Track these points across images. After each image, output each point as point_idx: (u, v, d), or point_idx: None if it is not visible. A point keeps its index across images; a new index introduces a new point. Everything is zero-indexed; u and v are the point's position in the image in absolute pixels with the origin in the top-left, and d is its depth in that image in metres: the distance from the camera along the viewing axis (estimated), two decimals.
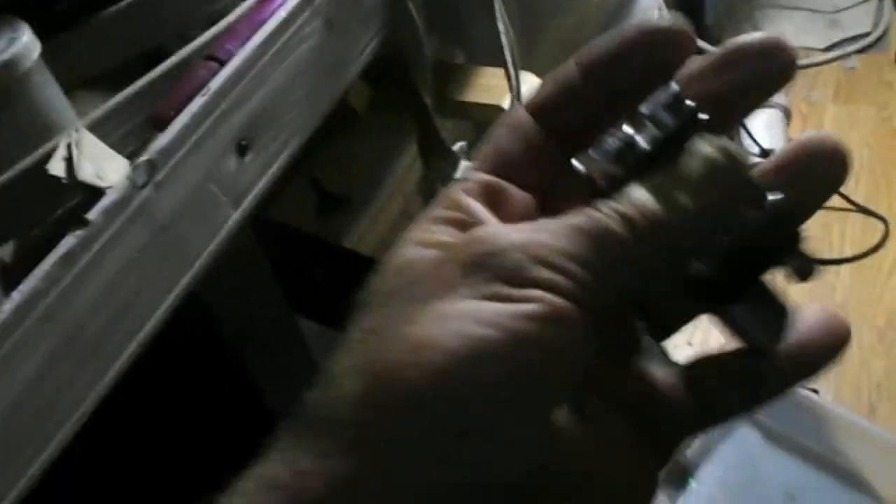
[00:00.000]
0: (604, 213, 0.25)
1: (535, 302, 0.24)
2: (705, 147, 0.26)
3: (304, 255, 0.83)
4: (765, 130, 1.74)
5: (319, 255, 0.83)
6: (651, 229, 0.25)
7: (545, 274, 0.24)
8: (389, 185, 0.87)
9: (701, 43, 1.40)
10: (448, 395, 0.23)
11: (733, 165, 0.26)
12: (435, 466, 0.23)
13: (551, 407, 0.25)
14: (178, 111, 0.53)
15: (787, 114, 1.81)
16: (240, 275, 0.70)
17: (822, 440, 1.24)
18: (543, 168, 0.30)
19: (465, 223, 0.27)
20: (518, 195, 0.29)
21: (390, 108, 0.86)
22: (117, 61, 0.61)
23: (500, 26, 0.77)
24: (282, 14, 0.57)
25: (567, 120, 0.29)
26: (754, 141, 1.71)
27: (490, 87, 0.87)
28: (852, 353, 1.43)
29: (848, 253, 1.60)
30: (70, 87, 0.55)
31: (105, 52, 0.61)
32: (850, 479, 1.22)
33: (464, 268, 0.25)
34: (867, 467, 1.21)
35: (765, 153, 1.69)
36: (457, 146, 0.83)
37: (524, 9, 1.03)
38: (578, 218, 0.25)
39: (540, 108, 0.30)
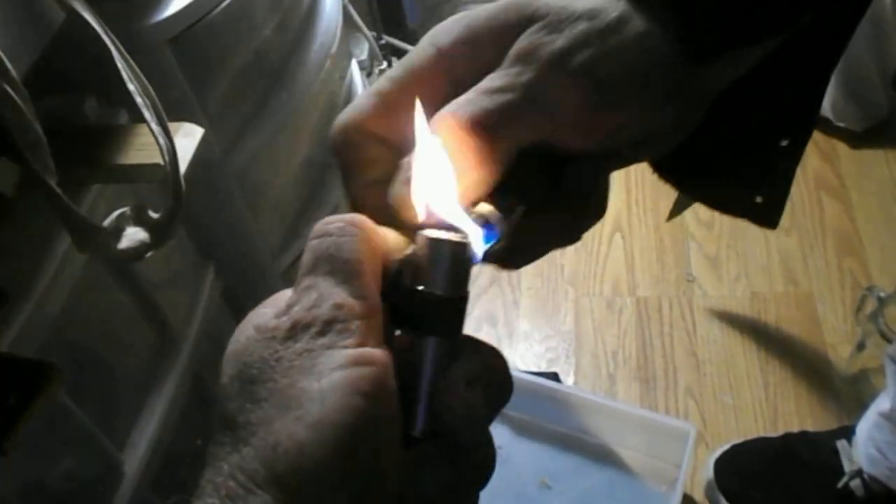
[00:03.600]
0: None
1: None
2: None
3: None
4: None
5: None
6: None
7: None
8: (50, 272, 0.79)
9: (407, 47, 1.40)
10: (344, 467, 0.28)
11: None
12: None
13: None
14: None
15: None
16: None
17: (567, 422, 1.28)
18: None
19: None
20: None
21: (41, 189, 0.78)
22: None
23: (131, 87, 0.72)
24: None
25: None
26: None
27: (147, 145, 0.81)
28: (586, 329, 1.49)
29: None
30: None
31: None
32: (599, 454, 1.27)
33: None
34: (612, 440, 1.27)
35: None
36: (113, 216, 0.78)
37: (190, 57, 0.99)
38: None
39: None
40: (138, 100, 0.73)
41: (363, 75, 1.66)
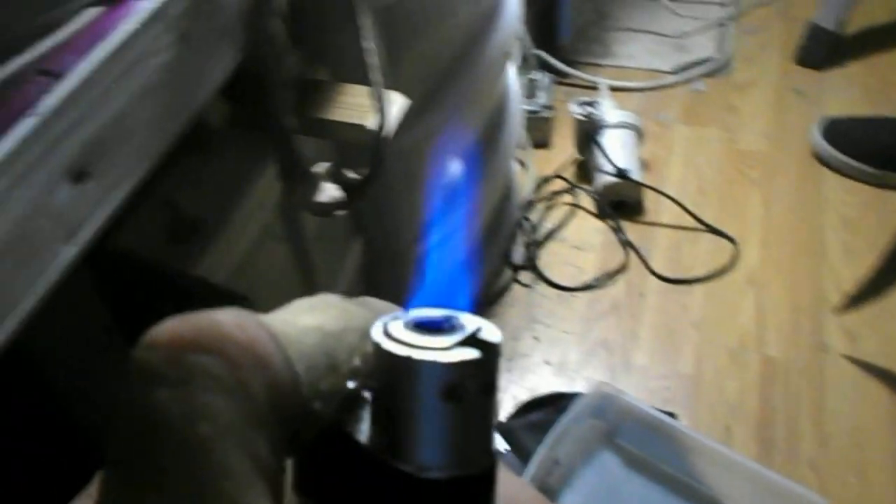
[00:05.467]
0: None
1: None
2: None
3: (150, 288, 0.75)
4: (620, 150, 1.75)
5: (168, 287, 0.74)
6: None
7: None
8: (246, 207, 0.79)
9: (553, 62, 1.39)
10: None
11: None
12: None
13: None
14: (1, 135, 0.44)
15: (640, 133, 1.83)
16: (72, 319, 0.61)
17: (681, 465, 1.24)
18: None
19: None
20: None
21: (248, 127, 0.78)
22: None
23: (366, 45, 0.71)
24: (130, 26, 0.49)
25: None
26: (609, 160, 1.72)
27: (354, 105, 0.80)
28: (706, 376, 1.45)
29: (699, 272, 1.62)
30: None
31: None
32: (708, 503, 1.22)
33: None
34: (724, 492, 1.22)
35: (620, 173, 1.70)
36: (318, 167, 0.77)
37: (387, 29, 0.98)
38: None
39: None
40: (372, 59, 0.72)
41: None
